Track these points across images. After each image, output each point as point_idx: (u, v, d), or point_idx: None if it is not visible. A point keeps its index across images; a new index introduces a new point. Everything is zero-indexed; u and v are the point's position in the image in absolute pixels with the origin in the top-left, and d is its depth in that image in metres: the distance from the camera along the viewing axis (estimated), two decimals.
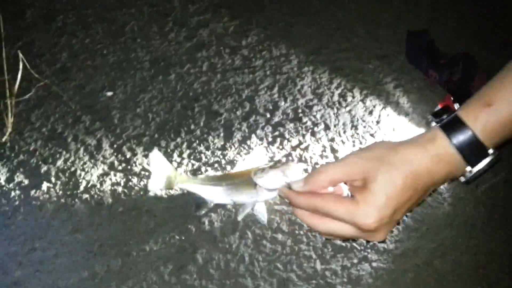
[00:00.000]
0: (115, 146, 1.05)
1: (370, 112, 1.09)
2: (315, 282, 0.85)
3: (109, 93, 1.14)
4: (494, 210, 0.94)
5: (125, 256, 0.90)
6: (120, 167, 1.02)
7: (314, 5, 1.30)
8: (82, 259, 0.90)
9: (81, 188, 0.99)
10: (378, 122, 1.07)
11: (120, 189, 0.98)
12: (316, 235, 0.90)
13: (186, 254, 0.90)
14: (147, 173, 1.00)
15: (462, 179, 0.71)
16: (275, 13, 1.28)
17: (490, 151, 0.66)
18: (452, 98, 0.98)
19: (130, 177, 1.00)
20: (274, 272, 0.87)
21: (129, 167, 1.02)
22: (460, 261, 0.88)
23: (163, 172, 0.94)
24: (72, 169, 1.02)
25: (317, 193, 0.74)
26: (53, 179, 1.00)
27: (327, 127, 1.06)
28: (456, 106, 0.96)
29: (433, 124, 0.71)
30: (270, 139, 1.05)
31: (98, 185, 0.99)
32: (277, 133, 1.06)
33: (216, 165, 1.01)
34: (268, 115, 1.09)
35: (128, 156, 1.03)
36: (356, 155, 0.74)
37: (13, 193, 0.98)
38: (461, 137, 0.66)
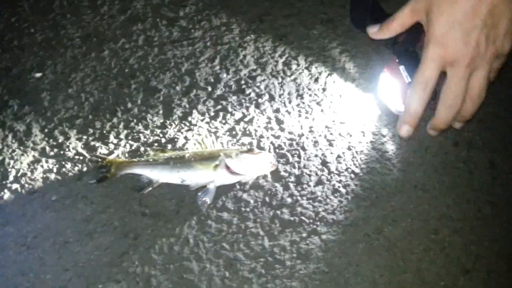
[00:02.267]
0: (46, 130, 0.98)
1: (316, 80, 1.04)
2: (264, 260, 0.82)
3: (38, 74, 1.06)
4: (445, 173, 0.92)
5: (61, 247, 0.84)
6: (52, 153, 0.95)
7: None
8: (14, 253, 0.84)
9: (11, 177, 0.92)
10: (324, 90, 1.02)
11: (52, 176, 0.92)
12: (263, 211, 0.86)
13: (126, 240, 0.84)
14: (81, 158, 0.93)
15: None
16: None
17: None
18: (397, 61, 0.94)
19: (63, 162, 0.93)
20: (221, 252, 0.83)
21: (61, 152, 0.95)
22: (411, 227, 0.86)
23: (100, 171, 0.91)
24: (0, 158, 0.94)
25: None
26: None
27: (271, 98, 1.02)
28: (401, 68, 0.92)
29: None
30: (212, 114, 0.99)
31: (29, 174, 0.92)
32: (219, 107, 1.01)
33: (156, 144, 0.95)
34: (210, 89, 1.03)
35: (60, 141, 0.96)
36: None
37: None
38: None
